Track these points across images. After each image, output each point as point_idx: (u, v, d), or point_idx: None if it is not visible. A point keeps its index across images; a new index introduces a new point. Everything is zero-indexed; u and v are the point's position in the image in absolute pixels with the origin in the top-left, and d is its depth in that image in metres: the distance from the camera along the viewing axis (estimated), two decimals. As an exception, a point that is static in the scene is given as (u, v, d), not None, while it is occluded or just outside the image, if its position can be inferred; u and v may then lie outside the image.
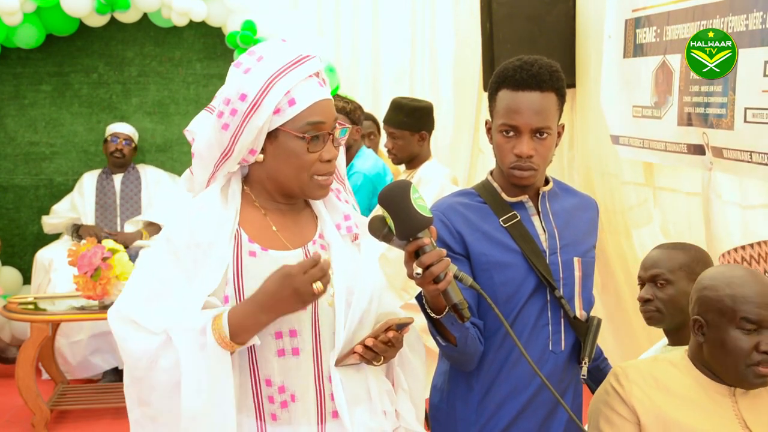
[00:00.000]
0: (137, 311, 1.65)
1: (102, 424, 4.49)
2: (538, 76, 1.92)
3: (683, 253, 2.26)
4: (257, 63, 1.65)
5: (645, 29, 3.60)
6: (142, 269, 1.71)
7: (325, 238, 1.77)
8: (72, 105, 5.79)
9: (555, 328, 2.00)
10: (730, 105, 2.90)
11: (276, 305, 1.59)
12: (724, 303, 1.83)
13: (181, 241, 1.66)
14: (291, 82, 1.63)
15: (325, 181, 1.71)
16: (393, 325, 1.66)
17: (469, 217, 1.99)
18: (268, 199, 1.75)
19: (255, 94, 1.62)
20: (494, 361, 1.98)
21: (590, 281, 2.08)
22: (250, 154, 1.68)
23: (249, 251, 1.68)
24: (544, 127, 1.93)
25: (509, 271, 1.96)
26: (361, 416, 1.72)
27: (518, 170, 1.95)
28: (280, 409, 1.68)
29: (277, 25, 5.30)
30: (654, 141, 3.55)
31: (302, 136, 1.65)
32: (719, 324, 1.85)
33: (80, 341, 4.98)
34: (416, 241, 1.64)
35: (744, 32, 2.80)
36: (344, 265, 1.73)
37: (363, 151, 4.29)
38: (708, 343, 1.89)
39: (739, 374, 1.85)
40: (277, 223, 1.74)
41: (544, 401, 2.00)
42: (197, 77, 5.83)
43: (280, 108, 1.64)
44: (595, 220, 2.14)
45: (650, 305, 2.26)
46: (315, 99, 1.66)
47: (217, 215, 1.68)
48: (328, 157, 1.69)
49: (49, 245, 5.47)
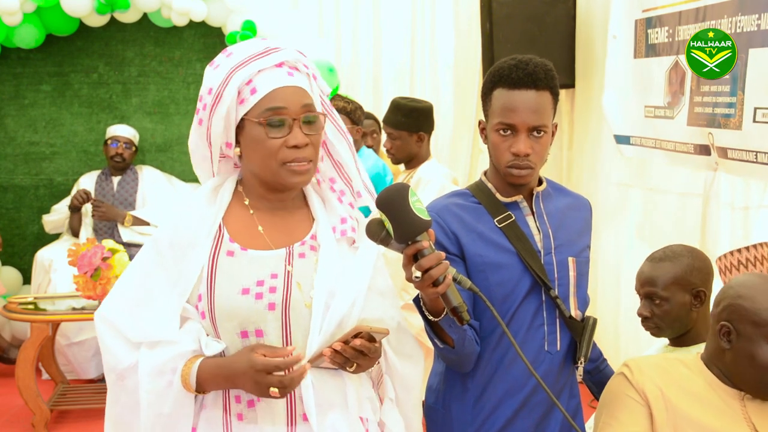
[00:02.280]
0: (120, 318, 1.70)
1: (102, 424, 4.48)
2: (533, 74, 1.92)
3: (674, 266, 2.24)
4: (226, 58, 1.70)
5: (657, 29, 3.59)
6: (130, 271, 1.75)
7: (317, 239, 1.76)
8: (72, 105, 5.78)
9: (550, 328, 2.00)
10: (738, 105, 2.89)
11: (238, 383, 1.65)
12: (761, 316, 1.78)
13: (165, 240, 1.71)
14: (252, 71, 1.66)
15: (298, 167, 1.69)
16: (364, 333, 1.64)
17: (463, 218, 1.99)
18: (258, 197, 1.76)
19: (218, 85, 1.67)
20: (490, 361, 1.98)
21: (585, 281, 2.08)
22: (227, 147, 1.71)
23: (227, 250, 1.69)
24: (540, 125, 1.93)
25: (504, 271, 1.95)
26: (334, 421, 1.70)
27: (516, 169, 1.95)
28: (247, 408, 1.68)
29: (277, 25, 5.29)
30: (665, 141, 3.54)
31: (261, 122, 1.66)
32: (752, 336, 1.80)
33: (81, 342, 4.98)
34: (415, 245, 1.63)
35: (755, 32, 2.79)
36: (329, 267, 1.72)
37: (363, 151, 4.29)
38: (734, 351, 1.85)
39: (762, 387, 1.82)
40: (264, 222, 1.74)
41: (539, 401, 1.99)
42: (197, 77, 5.83)
43: (244, 98, 1.67)
44: (588, 220, 2.14)
45: (650, 322, 2.26)
46: (276, 85, 1.67)
47: (200, 213, 1.71)
48: (294, 143, 1.67)
49: (49, 245, 5.47)
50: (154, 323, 1.67)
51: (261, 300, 1.66)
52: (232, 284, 1.66)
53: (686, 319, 2.25)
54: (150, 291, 1.69)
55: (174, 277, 1.68)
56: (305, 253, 1.73)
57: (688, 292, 2.24)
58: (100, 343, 1.73)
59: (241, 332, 1.67)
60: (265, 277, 1.67)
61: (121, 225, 5.34)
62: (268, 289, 1.66)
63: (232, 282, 1.66)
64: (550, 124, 1.98)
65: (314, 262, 1.72)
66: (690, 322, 2.26)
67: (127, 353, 1.68)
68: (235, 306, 1.65)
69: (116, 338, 1.70)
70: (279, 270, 1.69)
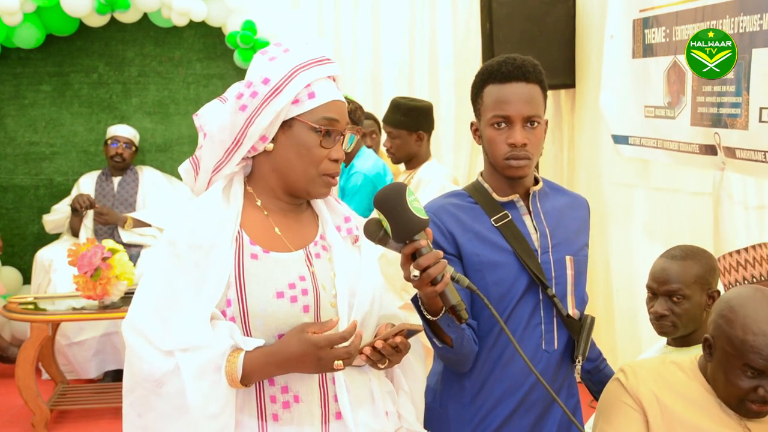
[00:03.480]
0: (149, 326, 1.64)
1: (102, 424, 4.50)
2: (522, 67, 1.95)
3: (696, 264, 2.23)
4: (283, 53, 1.69)
5: (654, 29, 3.59)
6: (151, 277, 1.69)
7: (326, 239, 1.77)
8: (72, 105, 5.79)
9: (548, 327, 2.00)
10: (744, 105, 2.89)
11: (294, 367, 1.63)
12: (734, 343, 1.79)
13: (182, 242, 1.65)
14: (313, 76, 1.68)
15: (332, 181, 1.73)
16: (404, 331, 1.66)
17: (460, 218, 1.99)
18: (271, 198, 1.75)
19: (278, 79, 1.66)
20: (487, 360, 1.98)
21: (583, 279, 2.08)
22: (261, 141, 1.69)
23: (251, 253, 1.67)
24: (534, 115, 1.95)
25: (501, 270, 1.96)
26: (364, 417, 1.72)
27: (514, 160, 1.95)
28: (282, 410, 1.67)
29: (278, 25, 5.30)
30: (667, 141, 3.54)
31: (318, 129, 1.68)
32: (727, 357, 1.82)
33: (80, 341, 4.98)
34: (413, 244, 1.64)
35: (758, 32, 2.79)
36: (346, 266, 1.74)
37: (363, 151, 4.29)
38: (713, 365, 1.87)
39: (734, 404, 1.85)
40: (279, 223, 1.74)
41: (537, 400, 1.99)
42: (197, 77, 5.83)
43: (299, 99, 1.67)
44: (586, 219, 2.14)
45: (666, 320, 2.25)
46: (333, 97, 1.71)
47: (218, 216, 1.68)
48: (336, 157, 1.70)
49: (49, 245, 5.47)
50: (185, 329, 1.61)
51: (296, 303, 1.66)
52: (265, 288, 1.65)
53: (700, 319, 2.25)
54: (175, 296, 1.64)
55: (198, 280, 1.64)
56: (320, 254, 1.74)
57: (705, 292, 2.24)
58: (129, 353, 1.66)
59: (278, 335, 1.66)
60: (294, 279, 1.67)
61: (121, 228, 5.34)
62: (301, 292, 1.67)
63: (265, 286, 1.65)
64: (543, 116, 1.99)
65: (329, 262, 1.74)
66: (701, 323, 2.25)
67: (163, 359, 1.61)
68: (272, 311, 1.64)
69: (149, 346, 1.63)
70: (304, 272, 1.69)
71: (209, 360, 1.61)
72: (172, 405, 1.60)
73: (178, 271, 1.65)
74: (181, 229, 1.67)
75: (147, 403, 1.64)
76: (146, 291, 1.68)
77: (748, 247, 2.37)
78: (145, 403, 1.64)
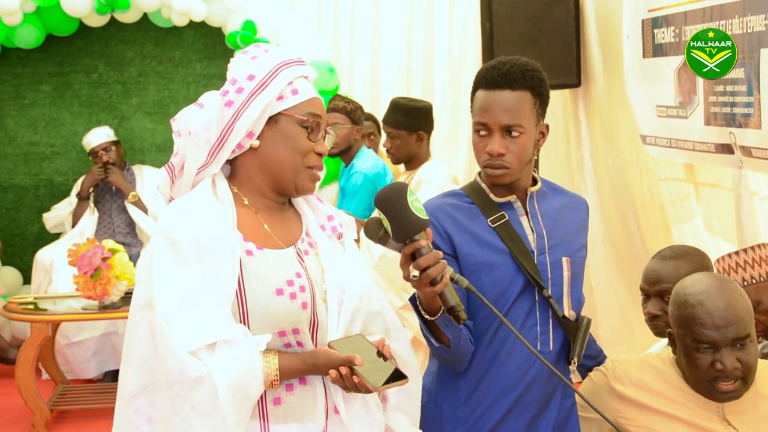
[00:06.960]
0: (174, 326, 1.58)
1: (102, 424, 4.49)
2: (508, 74, 1.93)
3: (686, 264, 2.24)
4: (264, 53, 1.75)
5: (663, 29, 3.58)
6: (162, 278, 1.62)
7: (311, 236, 1.79)
8: (72, 105, 5.79)
9: (543, 327, 2.00)
10: (756, 105, 2.87)
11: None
12: (682, 322, 1.88)
13: (182, 239, 1.63)
14: (294, 74, 1.74)
15: (316, 175, 1.76)
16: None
17: (457, 218, 1.99)
18: (257, 196, 1.76)
19: (264, 75, 1.70)
20: (482, 360, 1.98)
21: (580, 281, 2.07)
22: (247, 137, 1.70)
23: (246, 250, 1.68)
24: (513, 124, 1.93)
25: (497, 271, 1.96)
26: (359, 412, 1.73)
27: (490, 168, 1.96)
28: (285, 392, 1.67)
29: (277, 25, 5.30)
30: (681, 140, 3.53)
31: (304, 121, 1.72)
32: (681, 340, 1.91)
33: (80, 341, 4.98)
34: (413, 243, 1.64)
35: (765, 32, 2.78)
36: (334, 263, 1.75)
37: (363, 151, 4.29)
38: (678, 355, 1.95)
39: (704, 388, 1.90)
40: (267, 221, 1.75)
41: (532, 401, 1.99)
42: (197, 77, 5.84)
43: (283, 95, 1.72)
44: (584, 220, 2.14)
45: (659, 320, 2.26)
46: (314, 95, 1.77)
47: (214, 210, 1.67)
48: (320, 150, 1.75)
49: (50, 245, 5.47)
50: (211, 325, 1.59)
51: (295, 300, 1.67)
52: (264, 285, 1.65)
53: None
54: (189, 294, 1.61)
55: (208, 274, 1.61)
56: (308, 251, 1.76)
57: None
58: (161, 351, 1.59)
59: (279, 332, 1.67)
60: (291, 276, 1.68)
61: (126, 200, 5.37)
62: (299, 289, 1.68)
63: (265, 282, 1.65)
64: (530, 124, 1.96)
65: (316, 257, 1.76)
66: None
67: (195, 359, 1.56)
68: (273, 308, 1.65)
69: (178, 346, 1.57)
70: (298, 268, 1.71)
71: (243, 354, 1.59)
72: (207, 403, 1.56)
73: (185, 269, 1.62)
74: (178, 225, 1.65)
75: (175, 405, 1.57)
76: (162, 291, 1.61)
77: (747, 249, 2.37)
78: (174, 405, 1.57)
